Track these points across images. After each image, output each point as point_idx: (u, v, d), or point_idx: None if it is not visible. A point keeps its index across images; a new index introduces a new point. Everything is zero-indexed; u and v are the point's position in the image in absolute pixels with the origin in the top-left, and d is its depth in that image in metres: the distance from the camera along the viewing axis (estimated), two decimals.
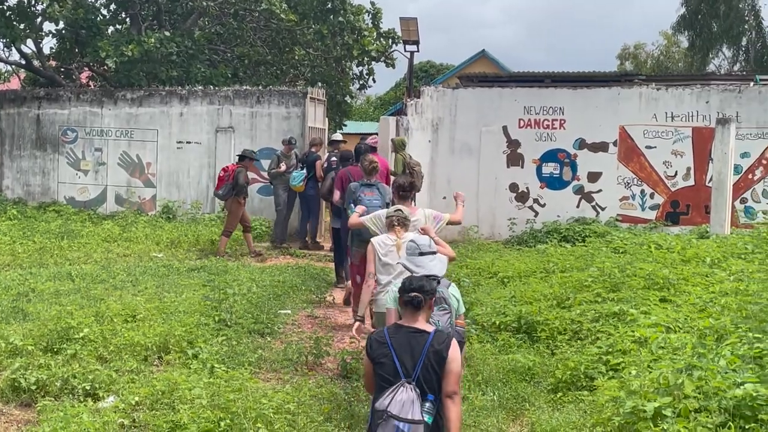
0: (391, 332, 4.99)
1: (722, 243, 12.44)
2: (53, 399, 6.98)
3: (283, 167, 16.43)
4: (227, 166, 15.77)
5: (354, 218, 8.86)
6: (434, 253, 5.98)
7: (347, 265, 11.42)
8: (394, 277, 7.06)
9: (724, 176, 14.73)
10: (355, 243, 10.16)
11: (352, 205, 9.87)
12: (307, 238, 16.82)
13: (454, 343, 4.96)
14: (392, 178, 10.47)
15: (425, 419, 4.73)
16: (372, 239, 7.58)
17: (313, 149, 16.67)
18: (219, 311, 9.69)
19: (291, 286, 12.48)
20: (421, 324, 4.97)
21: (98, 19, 21.97)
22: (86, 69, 24.35)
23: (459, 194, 9.23)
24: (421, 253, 5.91)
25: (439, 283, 5.68)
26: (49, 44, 30.17)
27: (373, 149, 13.67)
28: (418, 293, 4.98)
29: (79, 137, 19.90)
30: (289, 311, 11.06)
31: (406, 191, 8.32)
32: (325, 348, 9.03)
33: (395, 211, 7.49)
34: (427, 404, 4.77)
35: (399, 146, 14.78)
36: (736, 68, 43.64)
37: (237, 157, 16.31)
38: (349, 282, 11.00)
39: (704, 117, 17.18)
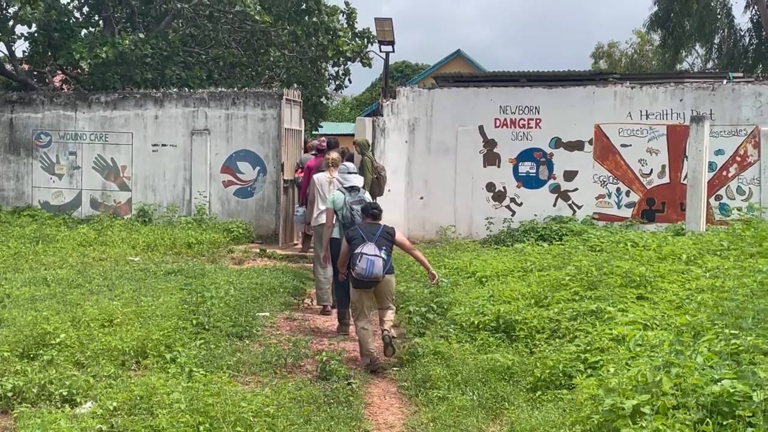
0: (360, 225, 9.27)
1: (698, 240, 12.52)
2: (30, 405, 6.92)
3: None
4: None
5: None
6: (356, 173, 10.39)
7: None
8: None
9: (699, 173, 14.83)
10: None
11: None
12: None
13: (398, 230, 9.44)
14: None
15: (382, 256, 8.77)
16: (314, 175, 11.87)
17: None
18: (197, 315, 9.64)
19: (269, 288, 12.43)
20: (377, 222, 9.13)
21: (71, 21, 21.76)
22: (59, 72, 24.14)
23: None
24: (349, 173, 10.25)
25: (359, 190, 10.16)
26: (21, 47, 29.98)
27: (320, 150, 15.06)
28: (376, 210, 9.26)
29: (53, 141, 19.77)
30: (268, 314, 11.03)
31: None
32: (304, 350, 9.02)
33: (330, 158, 11.64)
34: (383, 250, 8.81)
35: (364, 147, 14.70)
36: (709, 66, 43.94)
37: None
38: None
39: (678, 115, 17.32)
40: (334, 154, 11.99)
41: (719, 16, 41.31)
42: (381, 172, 14.36)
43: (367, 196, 10.45)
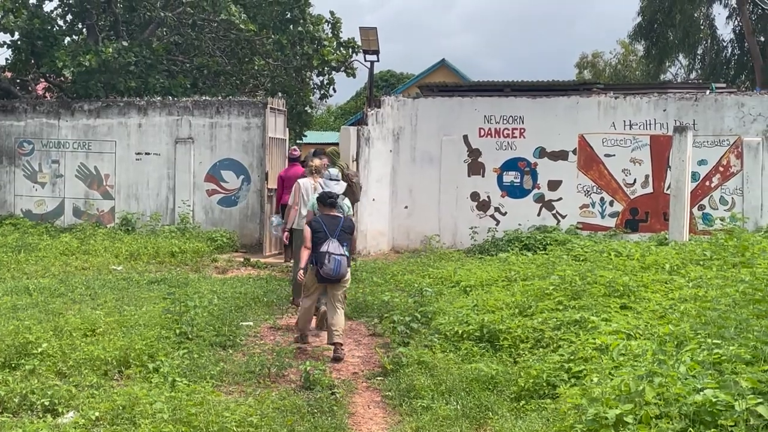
0: (321, 217, 9.81)
1: (681, 250, 12.58)
2: (12, 415, 6.88)
3: None
4: None
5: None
6: (338, 180, 11.37)
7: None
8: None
9: (682, 184, 14.91)
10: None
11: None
12: None
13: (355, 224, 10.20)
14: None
15: (345, 254, 9.54)
16: (299, 180, 12.29)
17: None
18: (180, 324, 9.60)
19: (253, 297, 12.40)
20: (335, 213, 9.86)
21: (54, 29, 21.69)
22: (42, 80, 24.04)
23: None
24: (331, 179, 11.25)
25: (338, 197, 10.33)
26: (4, 55, 29.82)
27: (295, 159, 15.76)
28: (332, 198, 9.95)
29: (35, 149, 19.68)
30: (251, 323, 11.00)
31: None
32: (288, 359, 9.00)
33: (313, 165, 12.25)
34: (344, 248, 9.55)
35: (335, 157, 14.81)
36: (692, 76, 44.21)
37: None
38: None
39: (662, 125, 17.41)
40: (316, 161, 12.40)
41: (702, 27, 41.61)
42: (353, 179, 14.46)
43: (346, 203, 10.92)
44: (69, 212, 19.49)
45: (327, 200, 9.93)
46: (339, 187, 11.19)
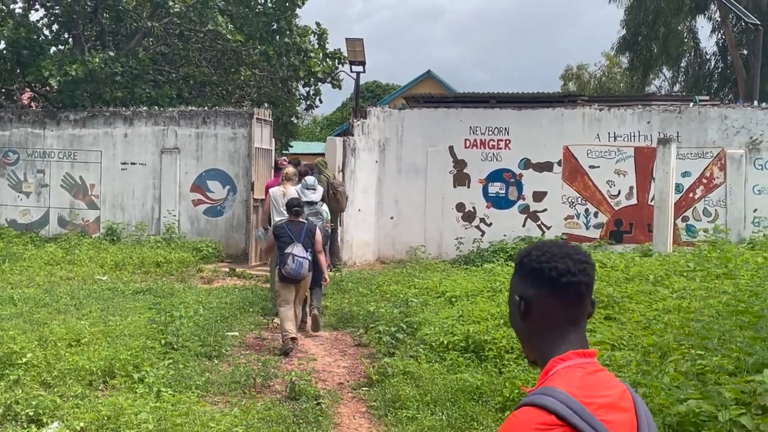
0: (286, 223, 10.39)
1: (665, 261, 12.64)
2: None
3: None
4: None
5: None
6: (315, 189, 11.81)
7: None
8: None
9: (666, 195, 14.99)
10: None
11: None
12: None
13: (318, 229, 10.82)
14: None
15: (308, 257, 10.16)
16: (270, 189, 12.62)
17: None
18: (165, 334, 9.59)
19: (238, 307, 12.39)
20: (300, 220, 10.46)
21: (40, 39, 21.63)
22: (28, 90, 23.98)
23: None
24: (308, 188, 11.69)
25: (316, 203, 11.66)
26: None
27: (279, 169, 15.96)
28: (299, 207, 10.49)
29: (20, 159, 19.60)
30: (237, 333, 10.99)
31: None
32: (273, 370, 9.00)
33: (285, 173, 12.39)
34: (308, 252, 10.20)
35: (322, 166, 15.03)
36: (676, 89, 44.47)
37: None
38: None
39: (646, 137, 17.50)
40: (289, 169, 12.71)
41: (686, 40, 41.86)
42: (338, 188, 14.58)
43: (325, 209, 12.18)
44: (54, 222, 19.41)
45: (292, 208, 10.53)
46: (315, 195, 11.86)
